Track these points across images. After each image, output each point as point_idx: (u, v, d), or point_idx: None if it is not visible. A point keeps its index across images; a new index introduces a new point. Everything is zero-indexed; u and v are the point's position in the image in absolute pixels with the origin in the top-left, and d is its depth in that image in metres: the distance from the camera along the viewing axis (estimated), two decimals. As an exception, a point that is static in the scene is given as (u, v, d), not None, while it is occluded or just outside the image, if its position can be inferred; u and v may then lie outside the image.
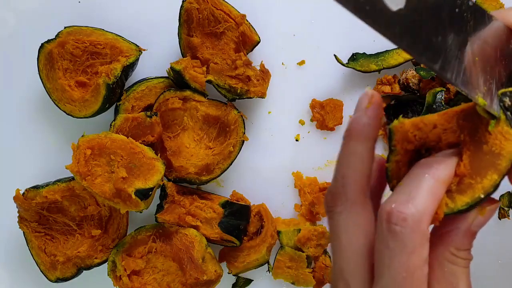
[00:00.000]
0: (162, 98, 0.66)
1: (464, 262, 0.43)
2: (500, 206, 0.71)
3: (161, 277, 0.66)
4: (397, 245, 0.39)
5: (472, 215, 0.42)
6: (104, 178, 0.61)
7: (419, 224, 0.38)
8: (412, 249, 0.39)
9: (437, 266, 0.43)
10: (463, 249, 0.43)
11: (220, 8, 0.66)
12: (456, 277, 0.43)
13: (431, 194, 0.39)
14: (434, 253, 0.43)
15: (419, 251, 0.39)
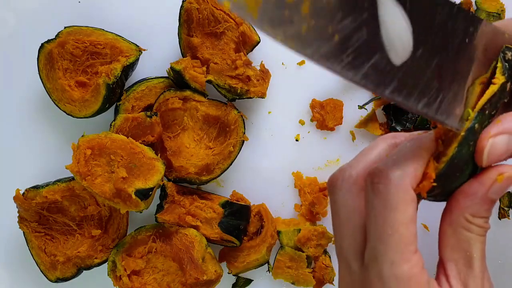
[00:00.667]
0: (162, 98, 0.66)
1: (480, 230, 0.43)
2: (500, 206, 0.71)
3: (161, 277, 0.66)
4: (380, 202, 0.41)
5: (490, 180, 0.42)
6: (104, 178, 0.61)
7: (401, 182, 0.40)
8: (395, 206, 0.40)
9: (452, 232, 0.43)
10: (479, 216, 0.42)
11: (220, 8, 0.66)
12: (470, 245, 0.42)
13: (414, 156, 0.41)
14: (449, 218, 0.43)
15: (403, 208, 0.40)
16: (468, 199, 0.42)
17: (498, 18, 0.69)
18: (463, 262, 0.43)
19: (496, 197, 0.42)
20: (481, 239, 0.43)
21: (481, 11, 0.70)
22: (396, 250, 0.40)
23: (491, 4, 0.70)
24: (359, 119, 0.71)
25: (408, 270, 0.40)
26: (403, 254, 0.40)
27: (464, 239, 0.42)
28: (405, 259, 0.40)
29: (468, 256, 0.42)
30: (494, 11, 0.69)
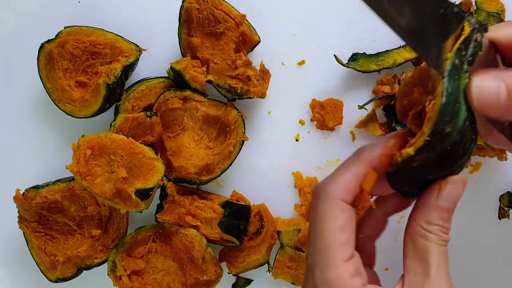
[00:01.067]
0: (162, 98, 0.66)
1: (436, 239, 0.44)
2: (500, 206, 0.71)
3: (161, 277, 0.66)
4: (313, 214, 0.45)
5: (436, 188, 0.44)
6: (104, 178, 0.61)
7: (328, 196, 0.44)
8: (322, 216, 0.44)
9: (410, 243, 0.45)
10: (433, 224, 0.44)
11: (220, 8, 0.66)
12: (427, 253, 0.44)
13: (346, 168, 0.45)
14: (407, 230, 0.46)
15: (331, 219, 0.43)
16: (421, 208, 0.45)
17: (498, 18, 0.69)
18: (420, 272, 0.44)
19: (447, 204, 0.44)
20: (439, 248, 0.44)
21: (481, 11, 0.70)
22: (324, 257, 0.43)
23: (491, 4, 0.70)
24: (359, 119, 0.71)
25: (336, 276, 0.42)
26: (331, 261, 0.43)
27: (421, 248, 0.44)
28: (333, 265, 0.43)
29: (425, 265, 0.43)
30: (494, 11, 0.69)
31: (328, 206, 0.44)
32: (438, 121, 0.41)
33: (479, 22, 0.45)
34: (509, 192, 0.71)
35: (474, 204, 0.71)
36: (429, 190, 0.45)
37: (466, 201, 0.71)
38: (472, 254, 0.72)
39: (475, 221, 0.72)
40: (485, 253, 0.72)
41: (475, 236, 0.72)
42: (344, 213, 0.44)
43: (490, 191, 0.72)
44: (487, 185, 0.71)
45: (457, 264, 0.71)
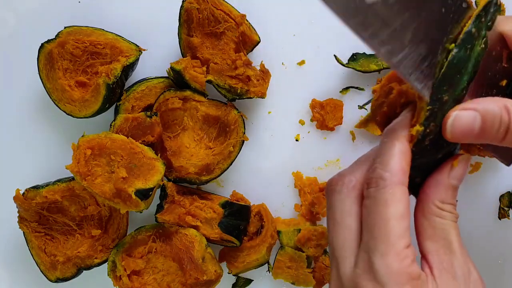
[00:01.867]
0: (162, 98, 0.66)
1: (452, 216, 0.45)
2: (500, 206, 0.71)
3: (161, 277, 0.66)
4: (372, 202, 0.43)
5: (447, 167, 0.45)
6: (104, 178, 0.61)
7: (391, 182, 0.43)
8: (385, 202, 0.42)
9: (427, 224, 0.45)
10: (447, 202, 0.45)
11: (220, 8, 0.66)
12: (447, 231, 0.44)
13: (401, 154, 0.44)
14: (422, 210, 0.46)
15: (393, 204, 0.42)
16: (434, 188, 0.45)
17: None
18: (443, 251, 0.44)
19: (457, 182, 0.45)
20: (455, 225, 0.45)
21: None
22: (387, 243, 0.42)
23: (491, 4, 0.70)
24: (359, 119, 0.71)
25: (399, 262, 0.41)
26: (394, 246, 0.42)
27: (440, 227, 0.44)
28: (395, 251, 0.42)
29: (447, 243, 0.44)
30: (494, 11, 0.69)
31: (388, 191, 0.43)
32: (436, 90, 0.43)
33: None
34: (509, 192, 0.71)
35: (474, 204, 0.71)
36: (441, 170, 0.45)
37: (466, 201, 0.71)
38: (472, 254, 0.72)
39: (475, 221, 0.72)
40: (485, 253, 0.72)
41: (475, 236, 0.72)
42: (404, 197, 0.43)
43: (490, 191, 0.72)
44: (487, 185, 0.71)
45: (457, 264, 0.72)
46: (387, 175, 0.43)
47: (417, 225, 0.46)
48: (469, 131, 0.43)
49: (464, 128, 0.43)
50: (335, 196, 0.47)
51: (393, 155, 0.44)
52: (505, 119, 0.43)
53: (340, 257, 0.45)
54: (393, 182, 0.43)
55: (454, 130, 0.43)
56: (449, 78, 0.43)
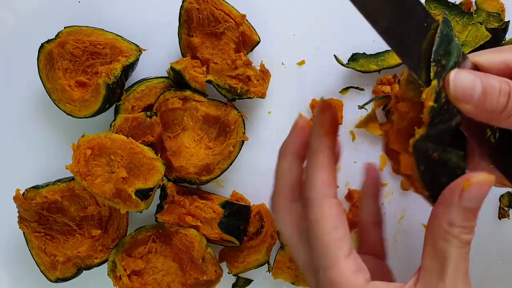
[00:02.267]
0: (162, 98, 0.66)
1: (458, 242, 0.42)
2: (500, 206, 0.71)
3: (161, 277, 0.66)
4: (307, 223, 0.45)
5: (458, 187, 0.42)
6: (104, 178, 0.61)
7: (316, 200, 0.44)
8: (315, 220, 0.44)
9: (430, 241, 0.43)
10: (457, 226, 0.42)
11: (220, 8, 0.66)
12: (445, 256, 0.42)
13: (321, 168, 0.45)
14: (429, 227, 0.44)
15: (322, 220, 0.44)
16: (444, 207, 0.42)
17: (498, 18, 0.69)
18: (436, 272, 0.42)
19: (471, 204, 0.41)
20: (459, 251, 0.42)
21: (481, 11, 0.70)
22: (326, 257, 0.43)
23: (491, 4, 0.70)
24: (359, 119, 0.71)
25: (339, 273, 0.43)
26: (333, 260, 0.43)
27: (440, 249, 0.42)
28: (335, 264, 0.43)
29: (442, 267, 0.42)
30: (494, 11, 0.70)
31: (315, 208, 0.44)
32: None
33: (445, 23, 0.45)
34: (509, 192, 0.71)
35: (474, 204, 0.71)
36: (451, 190, 0.42)
37: (466, 201, 0.71)
38: (472, 254, 0.72)
39: (475, 221, 0.71)
40: (485, 253, 0.72)
41: (475, 236, 0.72)
42: (332, 209, 0.44)
43: (490, 191, 0.71)
44: (487, 185, 0.71)
45: (457, 264, 0.72)
46: (311, 194, 0.45)
47: (424, 238, 0.44)
48: (470, 91, 0.41)
49: (465, 89, 0.41)
50: (276, 219, 0.50)
51: (313, 170, 0.45)
52: (505, 89, 0.42)
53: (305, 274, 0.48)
54: (317, 199, 0.44)
55: (457, 87, 0.41)
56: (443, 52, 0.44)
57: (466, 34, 0.68)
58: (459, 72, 0.42)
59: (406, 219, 0.72)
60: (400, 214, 0.72)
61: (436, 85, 0.42)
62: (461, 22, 0.69)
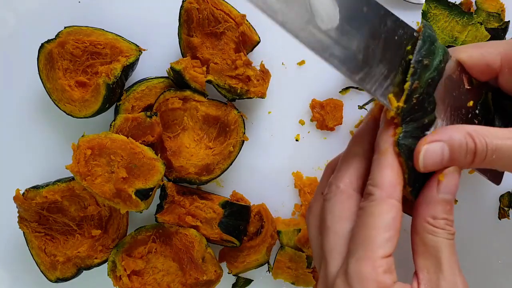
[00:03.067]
0: (162, 98, 0.66)
1: (444, 233, 0.45)
2: (500, 206, 0.71)
3: (161, 277, 0.66)
4: (361, 213, 0.45)
5: (434, 181, 0.46)
6: (104, 178, 0.61)
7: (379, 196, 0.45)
8: (370, 213, 0.44)
9: (419, 241, 0.46)
10: (439, 218, 0.45)
11: (220, 8, 0.66)
12: (438, 249, 0.45)
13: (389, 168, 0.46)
14: (414, 228, 0.47)
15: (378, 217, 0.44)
16: (424, 205, 0.46)
17: (498, 18, 0.69)
18: (433, 269, 0.45)
19: (448, 196, 0.46)
20: (448, 242, 0.45)
21: (481, 11, 0.70)
22: (364, 249, 0.43)
23: (491, 4, 0.70)
24: (359, 119, 0.71)
25: (371, 269, 0.43)
26: (370, 253, 0.43)
27: (431, 244, 0.45)
28: (370, 258, 0.43)
29: (437, 261, 0.45)
30: (494, 11, 0.70)
31: (375, 206, 0.45)
32: None
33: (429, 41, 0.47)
34: (509, 192, 0.71)
35: (474, 204, 0.71)
36: (428, 186, 0.46)
37: (466, 201, 0.71)
38: (472, 254, 0.72)
39: (475, 221, 0.72)
40: (485, 253, 0.72)
41: (475, 236, 0.72)
42: (391, 211, 0.44)
43: (490, 191, 0.72)
44: (487, 185, 0.71)
45: (457, 264, 0.72)
46: (376, 191, 0.45)
47: (412, 242, 0.47)
48: (439, 161, 0.45)
49: (434, 160, 0.45)
50: (324, 204, 0.50)
51: (383, 169, 0.46)
52: (470, 145, 0.45)
53: (329, 259, 0.47)
54: (381, 196, 0.45)
55: (426, 162, 0.45)
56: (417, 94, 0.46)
57: (465, 34, 0.69)
58: (428, 149, 0.45)
59: (406, 219, 0.72)
60: (400, 214, 0.72)
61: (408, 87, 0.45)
62: (461, 22, 0.69)
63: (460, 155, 0.45)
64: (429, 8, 0.69)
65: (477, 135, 0.45)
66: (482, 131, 0.45)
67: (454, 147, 0.45)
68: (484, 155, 0.45)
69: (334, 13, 0.43)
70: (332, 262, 0.47)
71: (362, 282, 0.43)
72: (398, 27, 0.46)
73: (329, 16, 0.43)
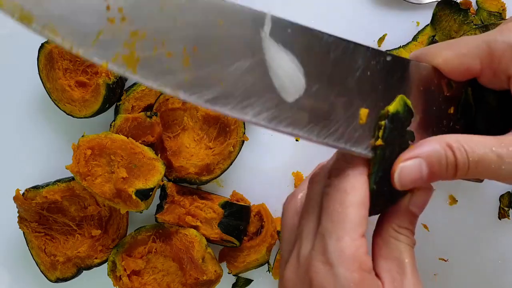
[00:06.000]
0: (162, 98, 0.66)
1: (407, 240, 0.46)
2: (500, 206, 0.71)
3: (161, 277, 0.66)
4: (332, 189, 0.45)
5: (407, 195, 0.46)
6: (104, 178, 0.61)
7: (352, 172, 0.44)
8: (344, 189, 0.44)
9: (383, 244, 0.46)
10: (404, 227, 0.46)
11: (220, 8, 0.66)
12: (401, 252, 0.45)
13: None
14: (380, 231, 0.47)
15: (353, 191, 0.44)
16: (393, 213, 0.46)
17: (499, 17, 0.69)
18: (396, 270, 0.45)
19: (416, 209, 0.46)
20: (409, 248, 0.46)
21: (482, 10, 0.69)
22: (344, 228, 0.42)
23: (492, 4, 0.70)
24: (359, 119, 0.71)
25: (353, 248, 0.42)
26: (350, 232, 0.42)
27: (395, 247, 0.46)
28: (351, 237, 0.42)
29: (400, 263, 0.45)
30: (495, 10, 0.69)
31: (350, 178, 0.44)
32: None
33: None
34: (509, 192, 0.71)
35: (474, 204, 0.71)
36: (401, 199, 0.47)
37: (466, 201, 0.71)
38: (472, 254, 0.72)
39: (475, 221, 0.71)
40: (485, 253, 0.72)
41: (475, 236, 0.72)
42: (364, 187, 0.44)
43: (490, 191, 0.72)
44: (487, 185, 0.71)
45: (457, 264, 0.71)
46: (349, 167, 0.45)
47: (374, 245, 0.47)
48: (418, 178, 0.44)
49: (412, 178, 0.44)
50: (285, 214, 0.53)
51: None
52: (450, 158, 0.43)
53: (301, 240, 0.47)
54: (353, 173, 0.44)
55: (403, 181, 0.44)
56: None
57: (461, 34, 0.68)
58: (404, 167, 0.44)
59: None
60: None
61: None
62: (458, 20, 0.69)
63: (441, 170, 0.44)
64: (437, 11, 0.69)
65: (458, 146, 0.43)
66: (464, 141, 0.44)
67: (433, 162, 0.43)
68: (466, 167, 0.44)
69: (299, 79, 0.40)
70: (303, 245, 0.46)
71: (345, 261, 0.42)
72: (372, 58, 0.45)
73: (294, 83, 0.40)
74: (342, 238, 0.42)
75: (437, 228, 0.71)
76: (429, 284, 0.72)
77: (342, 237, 0.42)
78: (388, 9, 0.72)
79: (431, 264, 0.72)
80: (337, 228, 0.43)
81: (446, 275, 0.72)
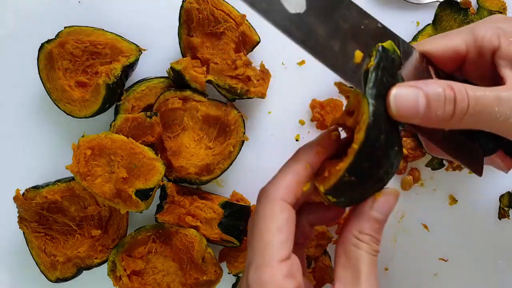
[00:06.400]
0: (162, 98, 0.66)
1: (368, 247, 0.45)
2: (500, 206, 0.71)
3: (161, 277, 0.66)
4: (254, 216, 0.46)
5: (370, 200, 0.45)
6: (104, 178, 0.61)
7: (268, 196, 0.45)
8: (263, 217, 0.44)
9: (342, 251, 0.46)
10: (365, 233, 0.45)
11: (220, 8, 0.66)
12: (359, 261, 0.44)
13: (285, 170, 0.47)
14: (340, 239, 0.46)
15: (270, 218, 0.44)
16: (355, 217, 0.46)
17: (498, 17, 0.69)
18: (351, 279, 0.44)
19: (379, 215, 0.45)
20: (370, 258, 0.45)
21: (483, 9, 0.69)
22: (260, 256, 0.43)
23: (493, 2, 0.70)
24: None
25: (270, 275, 0.42)
26: (267, 260, 0.43)
27: (353, 256, 0.45)
28: (268, 264, 0.43)
29: (356, 274, 0.44)
30: (495, 9, 0.69)
31: (268, 205, 0.45)
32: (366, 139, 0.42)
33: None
34: (509, 192, 0.71)
35: (474, 204, 0.71)
36: (362, 204, 0.46)
37: (466, 201, 0.71)
38: (472, 254, 0.72)
39: (475, 221, 0.71)
40: (485, 253, 0.72)
41: (475, 236, 0.72)
42: (284, 212, 0.44)
43: (490, 191, 0.72)
44: (487, 185, 0.71)
45: (457, 264, 0.72)
46: (271, 191, 0.45)
47: (335, 252, 0.47)
48: (414, 107, 0.42)
49: (409, 105, 0.42)
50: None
51: (285, 174, 0.46)
52: (450, 95, 0.43)
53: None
54: (274, 198, 0.44)
55: (399, 105, 0.42)
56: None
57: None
58: (399, 89, 0.43)
59: (406, 219, 0.72)
60: (400, 214, 0.72)
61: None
62: (458, 20, 0.69)
63: (439, 104, 0.42)
64: (439, 11, 0.69)
65: (459, 86, 0.43)
66: (462, 85, 0.43)
67: (431, 95, 0.42)
68: (465, 105, 0.43)
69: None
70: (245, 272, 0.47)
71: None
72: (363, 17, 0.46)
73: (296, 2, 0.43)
74: (260, 267, 0.43)
75: (437, 228, 0.71)
76: (429, 284, 0.72)
77: (260, 266, 0.43)
78: (388, 9, 0.72)
79: (431, 264, 0.72)
80: (256, 257, 0.43)
81: (446, 275, 0.72)
